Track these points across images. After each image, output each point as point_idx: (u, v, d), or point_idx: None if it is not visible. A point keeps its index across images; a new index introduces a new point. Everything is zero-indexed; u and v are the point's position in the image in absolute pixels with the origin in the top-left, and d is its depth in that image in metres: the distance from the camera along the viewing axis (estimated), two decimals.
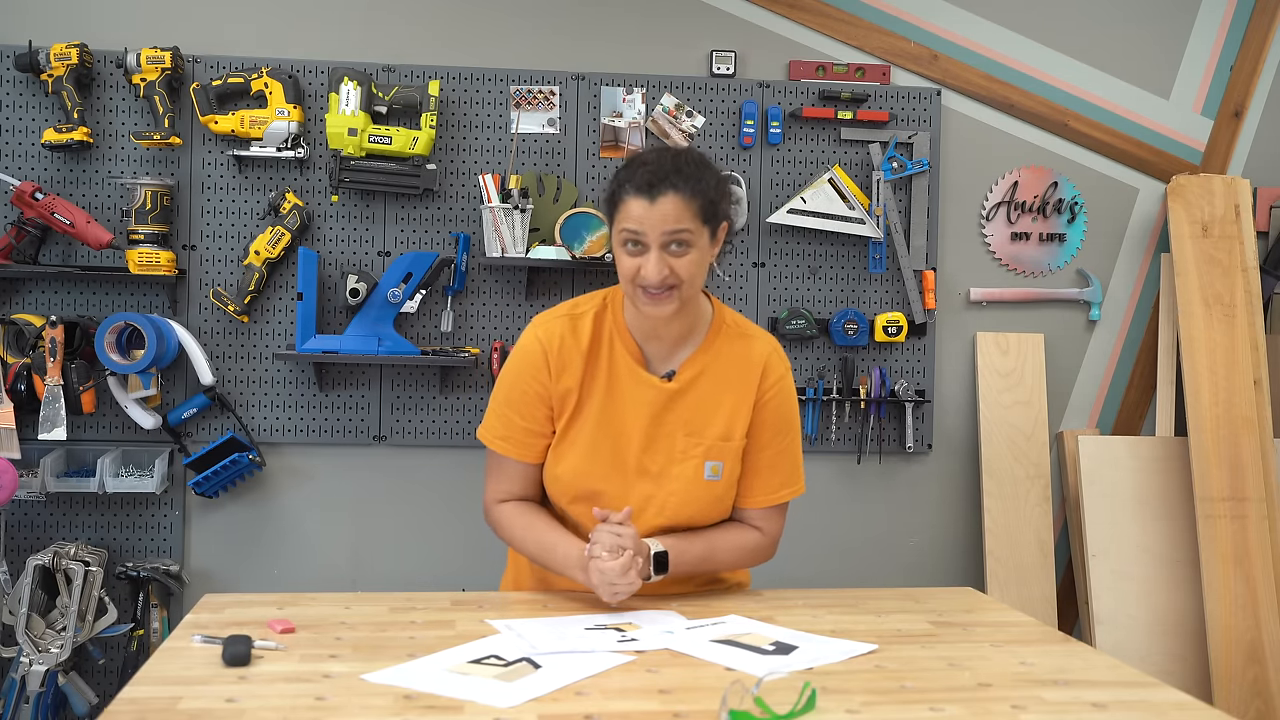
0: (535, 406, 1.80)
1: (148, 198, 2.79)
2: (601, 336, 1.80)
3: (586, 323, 1.80)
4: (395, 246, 2.97)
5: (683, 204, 1.67)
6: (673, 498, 1.78)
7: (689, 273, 1.69)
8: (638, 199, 1.67)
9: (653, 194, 1.66)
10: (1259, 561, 3.03)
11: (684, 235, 1.67)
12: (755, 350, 1.83)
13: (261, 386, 2.96)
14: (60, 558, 2.70)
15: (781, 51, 3.12)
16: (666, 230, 1.66)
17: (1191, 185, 3.18)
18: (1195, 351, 3.11)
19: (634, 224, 1.67)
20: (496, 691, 1.32)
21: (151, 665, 1.42)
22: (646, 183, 1.67)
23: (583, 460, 1.79)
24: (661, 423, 1.78)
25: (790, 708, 1.24)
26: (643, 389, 1.78)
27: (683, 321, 1.78)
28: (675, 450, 1.79)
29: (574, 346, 1.79)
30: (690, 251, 1.68)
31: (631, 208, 1.68)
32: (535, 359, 1.79)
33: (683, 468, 1.78)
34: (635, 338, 1.80)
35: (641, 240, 1.67)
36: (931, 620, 1.72)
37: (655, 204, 1.66)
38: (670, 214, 1.66)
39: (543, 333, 1.80)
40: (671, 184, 1.67)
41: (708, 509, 1.82)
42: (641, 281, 1.68)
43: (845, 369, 3.09)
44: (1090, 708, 1.33)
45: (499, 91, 3.00)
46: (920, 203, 3.12)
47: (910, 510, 3.19)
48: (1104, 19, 3.23)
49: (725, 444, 1.80)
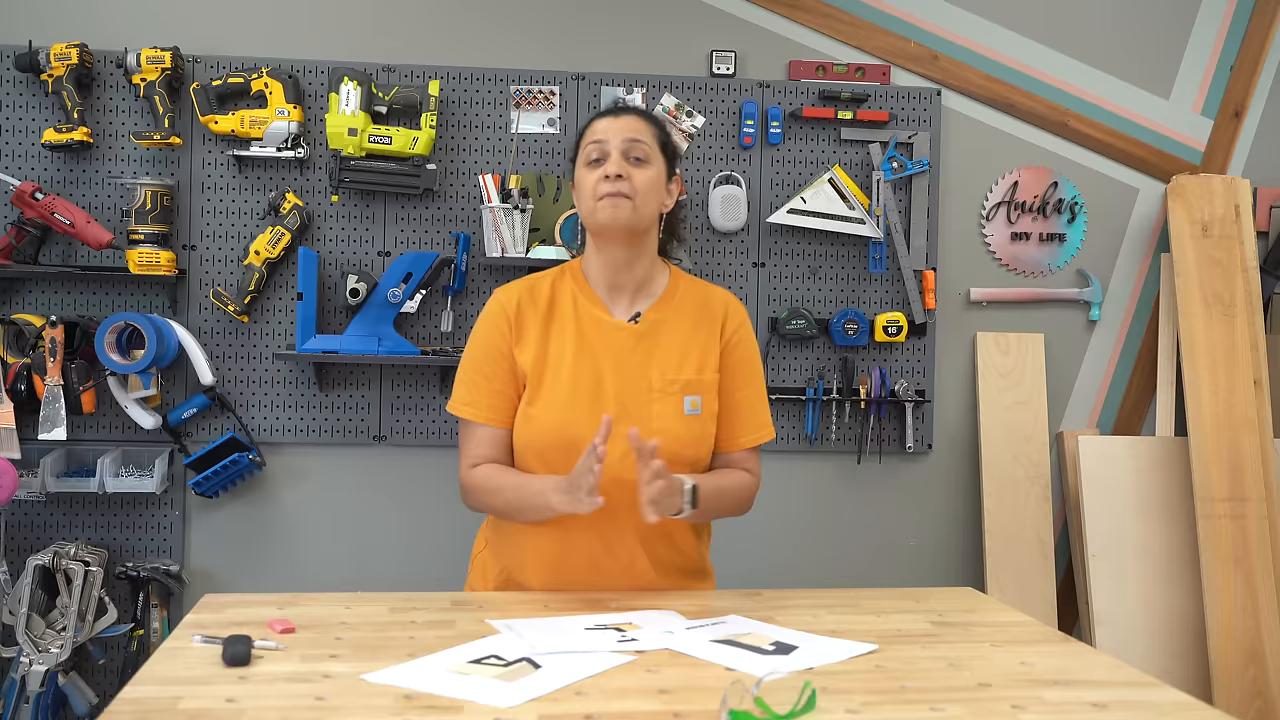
0: (499, 364, 1.83)
1: (148, 198, 2.79)
2: (562, 294, 1.87)
3: (545, 284, 1.88)
4: (395, 246, 2.98)
5: (643, 124, 1.82)
6: (656, 435, 1.75)
7: (644, 186, 1.78)
8: (602, 119, 1.83)
9: (617, 112, 1.84)
10: (1259, 562, 3.03)
11: (643, 148, 1.79)
12: (714, 297, 1.91)
13: (261, 386, 2.96)
14: (60, 558, 2.70)
15: (781, 51, 3.12)
16: (627, 137, 1.79)
17: (1191, 185, 3.18)
18: (1195, 351, 3.11)
19: (598, 135, 1.80)
20: (497, 691, 1.32)
21: (151, 665, 1.42)
22: (612, 106, 1.93)
23: (562, 409, 1.80)
24: (634, 364, 1.83)
25: (790, 708, 1.24)
26: (611, 333, 1.84)
27: (639, 266, 1.85)
28: (653, 389, 1.82)
29: (532, 305, 1.85)
30: (648, 168, 1.80)
31: (596, 126, 1.83)
32: (495, 319, 1.85)
33: (663, 405, 1.81)
34: (598, 291, 1.87)
35: (604, 148, 1.79)
36: (931, 620, 1.72)
37: (618, 118, 1.82)
38: (632, 125, 1.81)
39: (502, 296, 1.87)
40: (634, 110, 1.86)
41: (693, 444, 1.83)
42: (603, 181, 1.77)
43: (845, 369, 3.09)
44: (1090, 708, 1.33)
45: (499, 91, 3.00)
46: (920, 203, 3.12)
47: (910, 510, 3.19)
48: (1104, 19, 3.23)
49: (700, 378, 1.85)
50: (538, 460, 1.83)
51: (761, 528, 3.11)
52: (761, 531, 3.12)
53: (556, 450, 1.80)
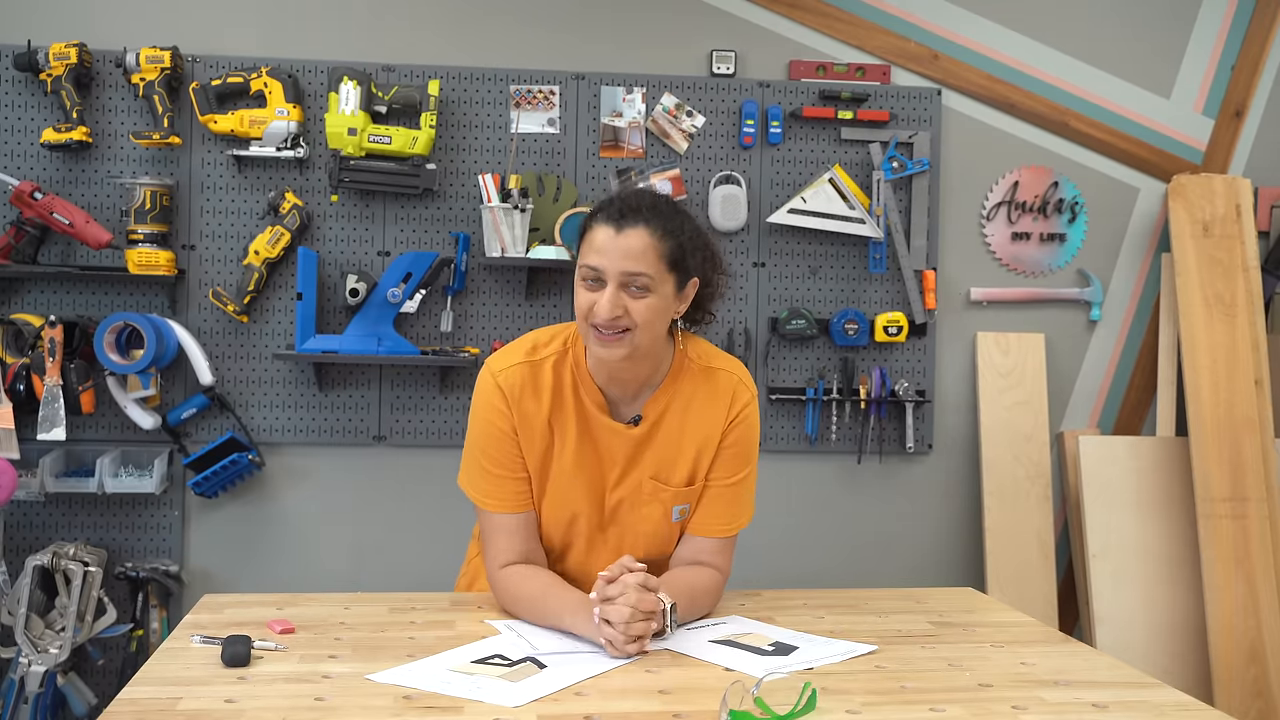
0: (509, 449, 1.71)
1: (147, 197, 2.78)
2: (564, 384, 1.71)
3: (547, 370, 1.71)
4: (395, 246, 2.97)
5: (650, 242, 1.58)
6: (641, 539, 1.75)
7: (644, 318, 1.59)
8: (604, 227, 1.59)
9: (620, 224, 1.58)
10: (1260, 562, 3.02)
11: (644, 279, 1.57)
12: (720, 383, 1.74)
13: (261, 386, 2.95)
14: (59, 558, 2.70)
15: (781, 51, 3.12)
16: (626, 269, 1.56)
17: (1192, 185, 3.18)
18: (1196, 351, 3.10)
19: (595, 255, 1.58)
20: (502, 691, 1.32)
21: (151, 666, 1.42)
22: (618, 211, 1.59)
23: (565, 507, 1.74)
24: (630, 468, 1.73)
25: (790, 708, 1.23)
26: (610, 436, 1.72)
27: (641, 367, 1.69)
28: (643, 493, 1.74)
29: (534, 395, 1.70)
30: (649, 297, 1.59)
31: (596, 236, 1.59)
32: (496, 401, 1.70)
33: (650, 509, 1.74)
34: (597, 383, 1.71)
35: (600, 275, 1.58)
36: (932, 620, 1.72)
37: (620, 235, 1.57)
38: (635, 249, 1.57)
39: (503, 379, 1.70)
40: (643, 219, 1.59)
41: (667, 547, 1.79)
42: (593, 319, 1.58)
43: (845, 369, 3.09)
44: (1091, 708, 1.32)
45: (499, 91, 3.00)
46: (920, 203, 3.12)
47: (910, 510, 3.19)
48: (1104, 19, 3.23)
49: (690, 489, 1.75)
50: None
51: (762, 528, 3.10)
52: (762, 531, 3.11)
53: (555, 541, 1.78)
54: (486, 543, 1.76)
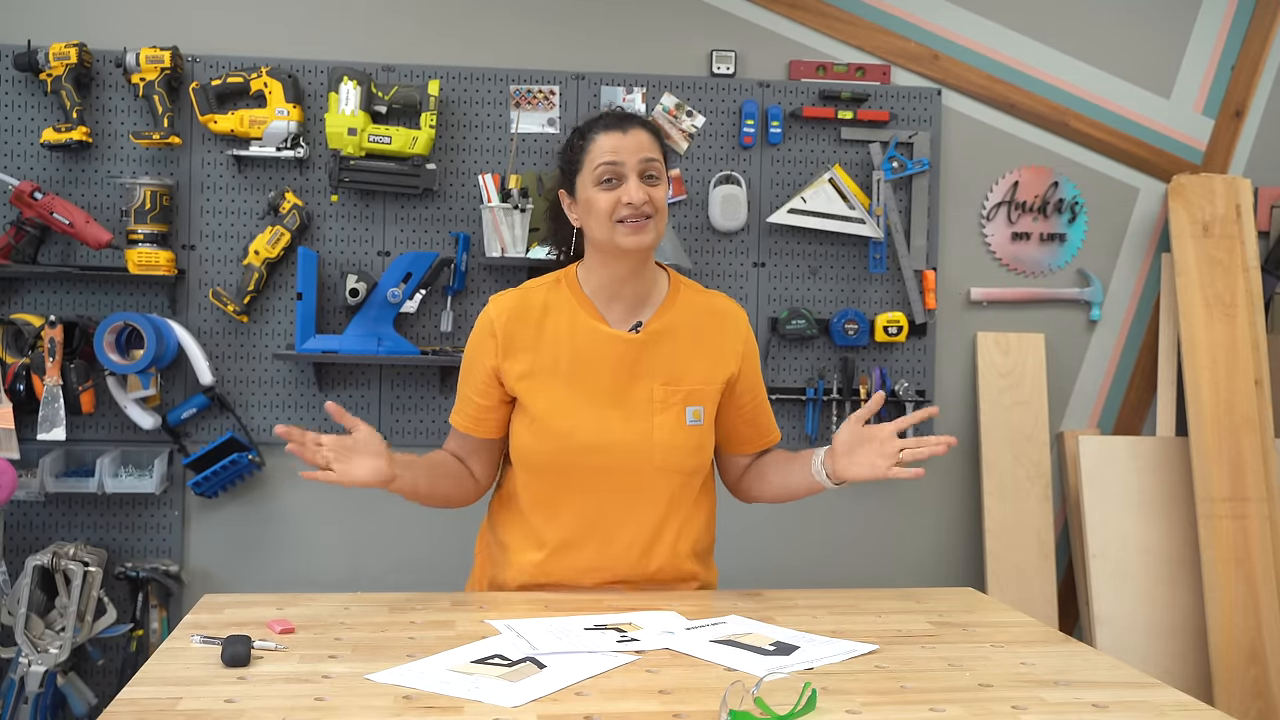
0: (484, 381, 1.82)
1: (147, 197, 2.78)
2: (558, 305, 1.82)
3: (538, 294, 1.83)
4: (395, 246, 2.97)
5: (650, 138, 1.77)
6: (659, 446, 1.79)
7: (662, 202, 1.76)
8: (609, 133, 1.75)
9: (624, 126, 1.75)
10: (1260, 562, 3.02)
11: (656, 166, 1.76)
12: (719, 306, 1.89)
13: (261, 386, 2.95)
14: (59, 558, 2.70)
15: (781, 51, 3.12)
16: (643, 157, 1.74)
17: (1192, 185, 3.18)
18: (1196, 351, 3.10)
19: (610, 154, 1.73)
20: (502, 691, 1.32)
21: (151, 666, 1.42)
22: (616, 118, 1.77)
23: (560, 420, 1.79)
24: (635, 375, 1.80)
25: (790, 708, 1.23)
26: (610, 344, 1.80)
27: (643, 279, 1.82)
28: (655, 400, 1.80)
29: (522, 318, 1.81)
30: (660, 184, 1.76)
31: (604, 142, 1.75)
32: (482, 334, 1.83)
33: (664, 416, 1.80)
34: (595, 303, 1.82)
35: (619, 170, 1.73)
36: (932, 620, 1.72)
37: (628, 134, 1.74)
38: (644, 143, 1.75)
39: (492, 309, 1.83)
40: (639, 121, 1.78)
41: (691, 454, 1.82)
42: (626, 205, 1.72)
43: (845, 369, 3.09)
44: (1091, 708, 1.32)
45: (499, 91, 3.00)
46: (920, 203, 3.12)
47: (910, 510, 3.19)
48: (1104, 19, 3.23)
49: (705, 388, 1.83)
50: (536, 474, 1.83)
51: (762, 528, 3.11)
52: (762, 531, 3.11)
53: (555, 462, 1.80)
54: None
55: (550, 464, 1.81)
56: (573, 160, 1.79)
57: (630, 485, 1.80)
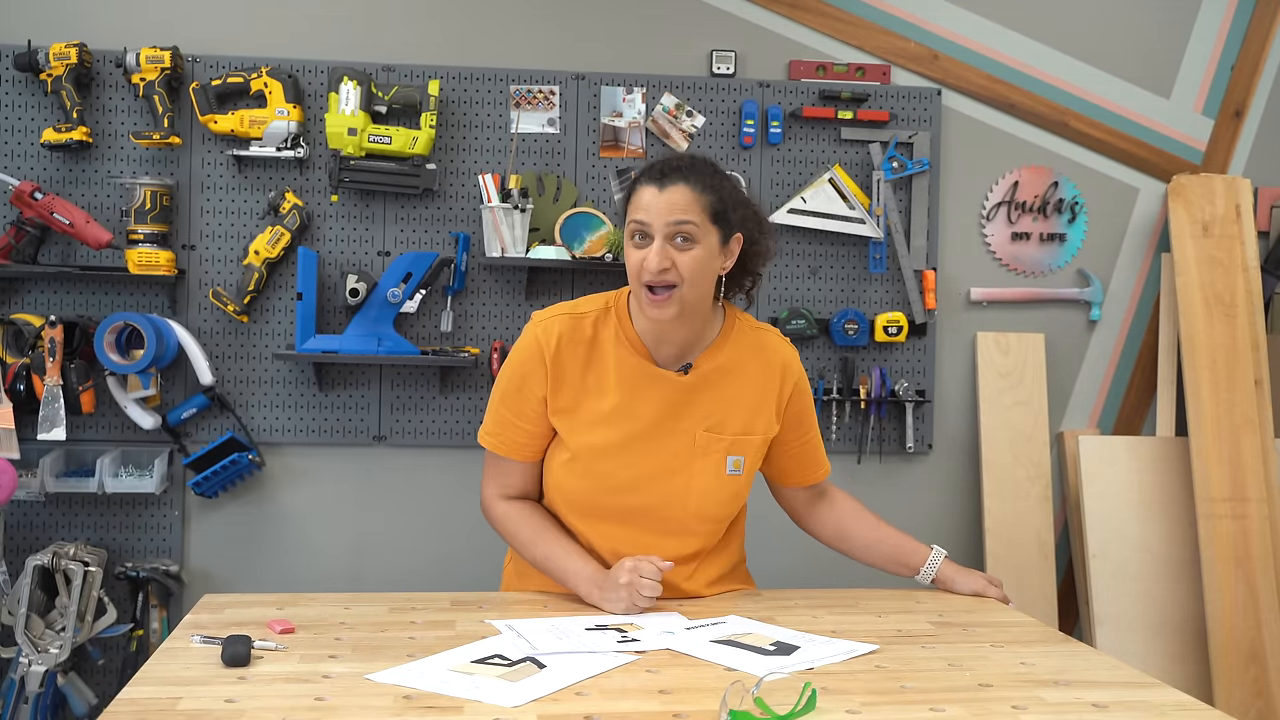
0: (531, 406, 1.77)
1: (147, 197, 2.78)
2: (605, 339, 1.76)
3: (588, 324, 1.77)
4: (395, 246, 2.97)
5: (691, 196, 1.66)
6: (695, 494, 1.76)
7: (691, 271, 1.65)
8: (648, 187, 1.68)
9: (663, 182, 1.67)
10: (1259, 562, 3.02)
11: (688, 228, 1.65)
12: (770, 343, 1.83)
13: (261, 386, 2.95)
14: (59, 558, 2.70)
15: (781, 51, 3.12)
16: (671, 220, 1.64)
17: (1192, 185, 3.18)
18: (1196, 351, 3.10)
19: (641, 213, 1.67)
20: (501, 691, 1.32)
21: (151, 666, 1.42)
22: (659, 172, 1.68)
23: (599, 461, 1.75)
24: (680, 416, 1.75)
25: (790, 708, 1.23)
26: (657, 385, 1.74)
27: (690, 327, 1.74)
28: (696, 445, 1.76)
29: (572, 346, 1.75)
30: (694, 248, 1.66)
31: (641, 196, 1.68)
32: (532, 358, 1.76)
33: (704, 463, 1.76)
34: (645, 341, 1.76)
35: (647, 230, 1.66)
36: (931, 620, 1.72)
37: (664, 191, 1.66)
38: (678, 203, 1.65)
39: (541, 331, 1.76)
40: (683, 176, 1.67)
41: (727, 504, 1.81)
42: (644, 275, 1.66)
43: (845, 369, 3.09)
44: (1091, 708, 1.32)
45: (499, 91, 3.00)
46: (920, 203, 3.12)
47: (910, 510, 3.19)
48: (1104, 19, 3.23)
49: (747, 438, 1.78)
50: (567, 507, 1.80)
51: (762, 528, 3.10)
52: (762, 531, 3.10)
53: (590, 500, 1.78)
54: (487, 470, 1.85)
55: (584, 501, 1.79)
56: (623, 207, 1.75)
57: (663, 527, 1.78)
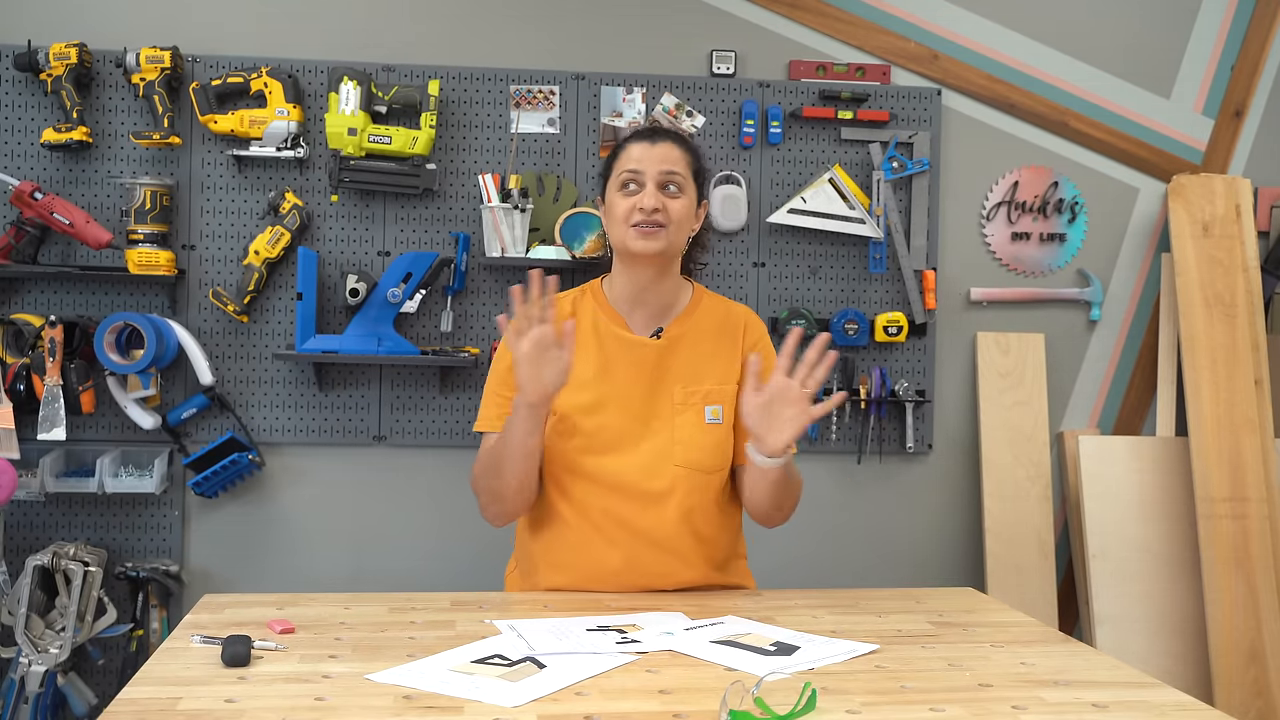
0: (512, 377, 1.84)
1: (147, 197, 2.78)
2: (583, 313, 1.91)
3: (565, 303, 1.93)
4: (395, 246, 2.97)
5: (679, 153, 1.86)
6: (679, 444, 1.85)
7: (678, 216, 1.83)
8: (638, 144, 1.86)
9: (654, 138, 1.86)
10: (1260, 562, 3.02)
11: (677, 179, 1.84)
12: (734, 311, 1.97)
13: (261, 386, 2.95)
14: (59, 558, 2.70)
15: (781, 51, 3.12)
16: (664, 169, 1.83)
17: (1192, 185, 3.18)
18: (1196, 351, 3.10)
19: (633, 164, 1.84)
20: (501, 691, 1.32)
21: (151, 666, 1.42)
22: (649, 130, 1.89)
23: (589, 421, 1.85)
24: (657, 379, 1.88)
25: (790, 708, 1.23)
26: (634, 350, 1.89)
27: (664, 288, 1.90)
28: (675, 402, 1.87)
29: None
30: (681, 198, 1.84)
31: (631, 151, 1.86)
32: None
33: (685, 417, 1.87)
34: (619, 310, 1.91)
35: (639, 179, 1.83)
36: (932, 620, 1.72)
37: (655, 146, 1.85)
38: (668, 156, 1.84)
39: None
40: (671, 136, 1.88)
41: (711, 452, 1.88)
42: (639, 210, 1.80)
43: (845, 369, 3.09)
44: (1091, 708, 1.33)
45: (499, 91, 3.00)
46: (920, 203, 3.12)
47: (910, 510, 3.19)
48: (1104, 19, 3.23)
49: (722, 388, 1.89)
50: (568, 472, 1.86)
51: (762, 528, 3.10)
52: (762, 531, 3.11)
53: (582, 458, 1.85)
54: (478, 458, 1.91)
55: (574, 463, 1.85)
56: (608, 167, 1.91)
57: (651, 484, 1.84)
